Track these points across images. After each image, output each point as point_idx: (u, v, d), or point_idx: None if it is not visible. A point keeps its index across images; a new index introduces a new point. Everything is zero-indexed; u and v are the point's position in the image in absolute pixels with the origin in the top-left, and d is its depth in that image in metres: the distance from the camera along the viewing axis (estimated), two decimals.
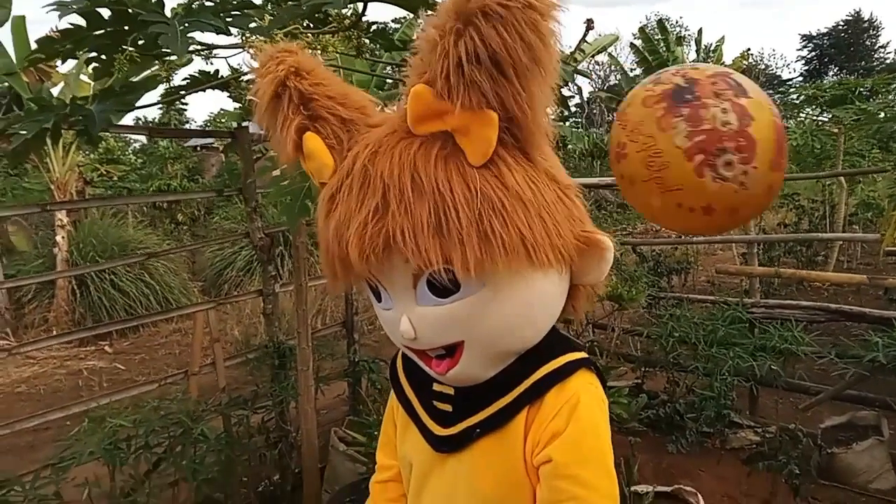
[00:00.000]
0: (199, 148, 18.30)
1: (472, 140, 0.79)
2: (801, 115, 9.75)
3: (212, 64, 1.91)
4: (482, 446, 0.95)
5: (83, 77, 6.53)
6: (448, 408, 0.99)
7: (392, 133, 0.84)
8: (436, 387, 1.01)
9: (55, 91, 6.65)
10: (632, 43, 17.86)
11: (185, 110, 23.44)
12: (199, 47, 1.76)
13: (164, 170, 13.89)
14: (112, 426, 2.29)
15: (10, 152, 1.63)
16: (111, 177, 12.11)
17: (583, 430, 0.89)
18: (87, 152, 11.04)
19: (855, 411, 3.25)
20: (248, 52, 1.51)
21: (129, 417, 2.35)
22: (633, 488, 2.64)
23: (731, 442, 3.38)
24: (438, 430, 0.99)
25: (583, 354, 0.97)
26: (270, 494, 3.06)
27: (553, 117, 0.87)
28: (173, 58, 1.70)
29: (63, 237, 7.36)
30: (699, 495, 2.79)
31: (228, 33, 1.59)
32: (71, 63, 6.50)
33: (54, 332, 6.62)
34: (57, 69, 6.02)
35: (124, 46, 1.60)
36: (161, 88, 1.92)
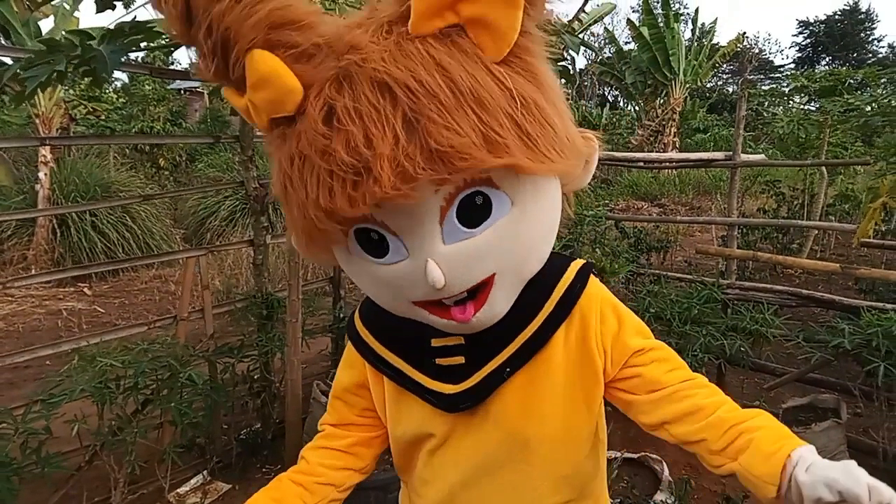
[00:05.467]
0: (183, 91, 17.90)
1: (491, 29, 0.68)
2: (789, 103, 9.84)
3: None
4: (514, 386, 0.89)
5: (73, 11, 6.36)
6: (459, 360, 0.89)
7: (380, 35, 0.69)
8: (435, 342, 0.89)
9: (43, 25, 6.48)
10: (628, 19, 17.76)
11: (171, 51, 22.79)
12: None
13: (146, 111, 13.58)
14: (102, 365, 2.32)
15: (18, 95, 1.64)
16: (98, 115, 11.82)
17: (631, 316, 0.96)
18: (67, 88, 10.76)
19: (816, 394, 3.39)
20: None
21: (119, 358, 2.38)
22: None
23: None
24: (450, 389, 0.88)
25: (582, 260, 0.96)
26: (252, 442, 3.14)
27: None
28: None
29: (46, 174, 7.24)
30: (664, 462, 2.93)
31: None
32: None
33: (33, 271, 6.59)
34: None
35: None
36: None
